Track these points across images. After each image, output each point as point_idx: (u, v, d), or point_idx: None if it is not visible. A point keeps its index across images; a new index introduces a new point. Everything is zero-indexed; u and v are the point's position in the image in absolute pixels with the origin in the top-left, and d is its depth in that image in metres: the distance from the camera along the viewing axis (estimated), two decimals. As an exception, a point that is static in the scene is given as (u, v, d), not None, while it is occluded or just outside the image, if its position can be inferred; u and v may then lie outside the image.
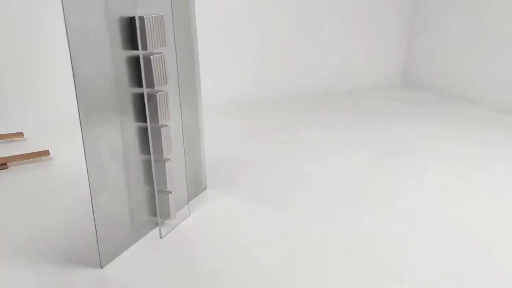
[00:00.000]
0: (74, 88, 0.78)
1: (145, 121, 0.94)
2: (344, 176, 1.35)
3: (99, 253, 0.88)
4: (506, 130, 1.80)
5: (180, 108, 1.05)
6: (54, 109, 1.76)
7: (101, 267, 0.89)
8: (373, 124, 1.87)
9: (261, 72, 2.23)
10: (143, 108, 0.94)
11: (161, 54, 0.92)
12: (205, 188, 1.24)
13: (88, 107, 0.82)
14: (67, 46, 0.76)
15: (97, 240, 0.87)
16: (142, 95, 0.93)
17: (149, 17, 0.88)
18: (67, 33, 0.75)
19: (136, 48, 0.89)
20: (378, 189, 1.27)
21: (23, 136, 1.60)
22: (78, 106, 0.80)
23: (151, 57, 0.90)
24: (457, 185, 1.30)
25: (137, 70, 0.91)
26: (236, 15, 2.09)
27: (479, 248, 0.99)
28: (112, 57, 0.85)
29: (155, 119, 0.94)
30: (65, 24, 0.75)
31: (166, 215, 1.02)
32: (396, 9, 2.50)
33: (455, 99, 2.26)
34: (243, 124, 1.85)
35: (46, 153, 1.41)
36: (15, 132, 1.60)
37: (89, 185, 0.84)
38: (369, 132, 1.76)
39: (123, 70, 0.89)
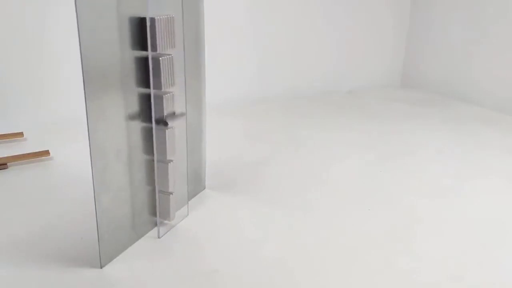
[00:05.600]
0: (83, 88, 0.78)
1: (151, 121, 0.94)
2: (343, 176, 1.35)
3: (99, 253, 0.88)
4: (506, 130, 1.80)
5: (186, 109, 1.05)
6: (54, 109, 1.76)
7: (101, 267, 0.89)
8: (373, 124, 1.87)
9: (261, 72, 2.23)
10: (148, 109, 0.94)
11: (170, 56, 0.92)
12: (204, 188, 1.24)
13: (95, 107, 0.82)
14: (78, 45, 0.76)
15: (98, 240, 0.87)
16: (148, 95, 0.93)
17: (160, 19, 0.88)
18: (78, 32, 0.75)
19: (144, 48, 0.89)
20: (378, 189, 1.27)
21: (23, 136, 1.60)
22: (86, 105, 0.80)
23: (160, 58, 0.90)
24: (457, 185, 1.30)
25: (145, 71, 0.91)
26: (236, 15, 2.09)
27: (480, 249, 0.99)
28: (120, 57, 0.85)
29: (160, 120, 0.94)
30: (77, 23, 0.75)
31: (166, 216, 1.02)
32: (396, 9, 2.50)
33: (455, 99, 2.26)
34: (243, 124, 1.85)
35: (46, 153, 1.41)
36: (15, 132, 1.60)
37: (93, 185, 0.84)
38: (369, 132, 1.76)
39: (131, 70, 0.89)
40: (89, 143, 0.82)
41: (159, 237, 1.00)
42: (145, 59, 0.90)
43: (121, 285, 0.85)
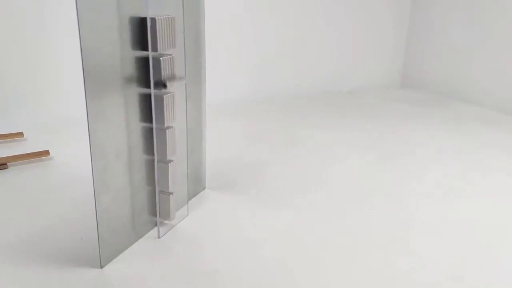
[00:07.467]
0: (83, 88, 0.78)
1: (151, 121, 0.94)
2: (343, 176, 1.35)
3: (99, 253, 0.88)
4: (506, 130, 1.80)
5: (186, 109, 1.05)
6: (54, 109, 1.76)
7: (101, 267, 0.89)
8: (373, 124, 1.87)
9: (261, 72, 2.23)
10: (149, 109, 0.94)
11: (171, 56, 0.92)
12: (204, 188, 1.24)
13: (95, 107, 0.82)
14: (78, 45, 0.76)
15: (98, 240, 0.87)
16: (149, 95, 0.93)
17: (161, 19, 0.88)
18: (79, 32, 0.75)
19: (145, 48, 0.89)
20: (378, 189, 1.27)
21: (23, 136, 1.60)
22: (86, 105, 0.80)
23: (161, 58, 0.90)
24: (457, 186, 1.30)
25: (145, 71, 0.91)
26: (236, 15, 2.09)
27: (480, 249, 0.99)
28: (121, 57, 0.85)
29: (160, 120, 0.94)
30: (78, 23, 0.75)
31: (166, 216, 1.02)
32: (396, 9, 2.50)
33: (455, 99, 2.26)
34: (243, 124, 1.85)
35: (46, 153, 1.41)
36: (15, 132, 1.60)
37: (93, 185, 0.84)
38: (369, 132, 1.76)
39: (131, 70, 0.89)
40: (89, 143, 0.82)
41: (159, 237, 1.00)
42: (146, 59, 0.91)
43: (121, 285, 0.85)
